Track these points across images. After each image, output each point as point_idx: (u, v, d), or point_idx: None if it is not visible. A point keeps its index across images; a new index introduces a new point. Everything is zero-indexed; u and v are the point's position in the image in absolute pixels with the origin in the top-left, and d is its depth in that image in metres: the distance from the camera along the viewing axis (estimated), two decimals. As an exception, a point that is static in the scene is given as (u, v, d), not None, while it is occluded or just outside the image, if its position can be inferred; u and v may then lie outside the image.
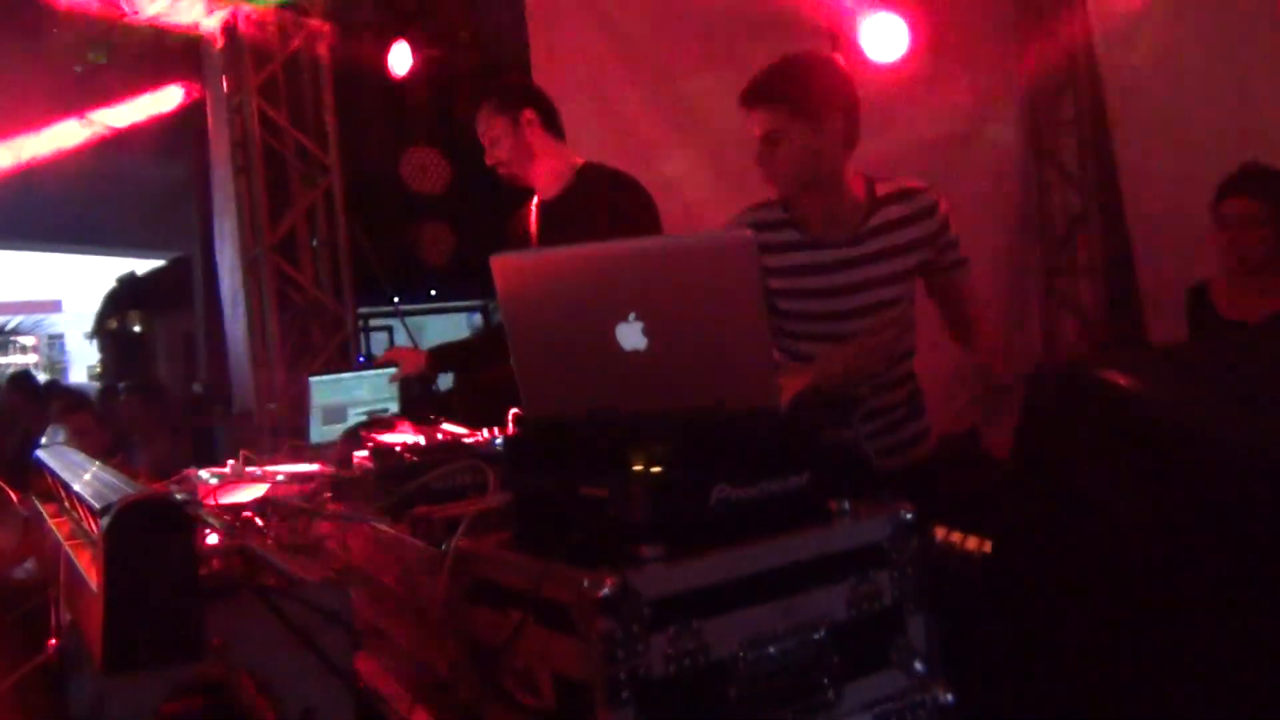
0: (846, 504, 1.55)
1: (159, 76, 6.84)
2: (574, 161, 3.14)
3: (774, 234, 2.48)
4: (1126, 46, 4.65)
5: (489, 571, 1.50)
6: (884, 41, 4.77)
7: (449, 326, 13.96)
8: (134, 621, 1.05)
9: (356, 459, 2.49)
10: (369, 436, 2.43)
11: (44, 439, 3.69)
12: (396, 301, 8.49)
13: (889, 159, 5.18)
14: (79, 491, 1.36)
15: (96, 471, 1.48)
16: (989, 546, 2.28)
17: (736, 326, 1.46)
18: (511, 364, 1.61)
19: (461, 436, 2.29)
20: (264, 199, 4.74)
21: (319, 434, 3.48)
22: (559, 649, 1.35)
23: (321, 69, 4.80)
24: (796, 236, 2.48)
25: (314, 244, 4.91)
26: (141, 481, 1.92)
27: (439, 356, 3.41)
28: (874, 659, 1.51)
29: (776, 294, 2.44)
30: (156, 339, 14.62)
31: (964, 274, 2.54)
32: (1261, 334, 3.17)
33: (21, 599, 2.03)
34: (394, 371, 3.46)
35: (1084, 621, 1.53)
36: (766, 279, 2.42)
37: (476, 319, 14.44)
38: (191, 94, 5.48)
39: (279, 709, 1.36)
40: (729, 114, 2.55)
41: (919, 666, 1.54)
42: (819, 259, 2.44)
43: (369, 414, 3.25)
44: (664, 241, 1.67)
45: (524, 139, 3.04)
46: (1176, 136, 4.40)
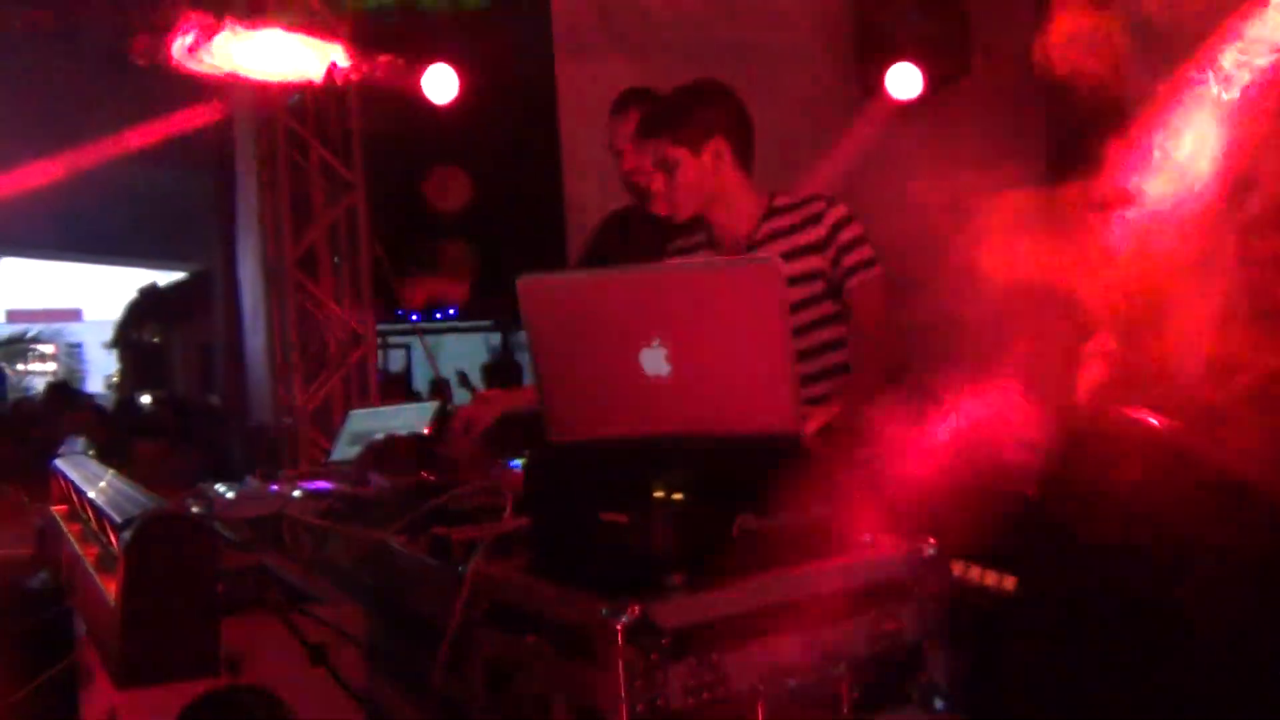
0: (869, 537, 1.54)
1: (190, 93, 6.90)
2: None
3: (688, 237, 2.63)
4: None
5: (506, 595, 1.49)
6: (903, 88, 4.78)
7: (467, 346, 13.97)
8: (150, 636, 1.03)
9: (374, 478, 2.48)
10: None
11: (63, 448, 3.70)
12: (415, 320, 8.51)
13: (916, 194, 5.19)
14: (97, 503, 1.35)
15: (114, 482, 1.47)
16: (1010, 583, 2.25)
17: (760, 353, 1.44)
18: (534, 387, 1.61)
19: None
20: (287, 214, 4.76)
21: (341, 454, 3.47)
22: (576, 677, 1.33)
23: (348, 86, 4.84)
24: (705, 239, 2.61)
25: (336, 260, 4.93)
26: (158, 494, 1.91)
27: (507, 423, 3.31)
28: (894, 695, 1.49)
29: None
30: (174, 350, 14.69)
31: (862, 283, 2.48)
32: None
33: (38, 609, 2.02)
34: (435, 406, 3.42)
35: (1113, 660, 1.51)
36: None
37: (496, 339, 14.44)
38: (218, 110, 5.53)
39: (293, 728, 1.35)
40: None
41: (940, 704, 1.52)
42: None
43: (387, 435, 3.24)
44: (689, 267, 1.66)
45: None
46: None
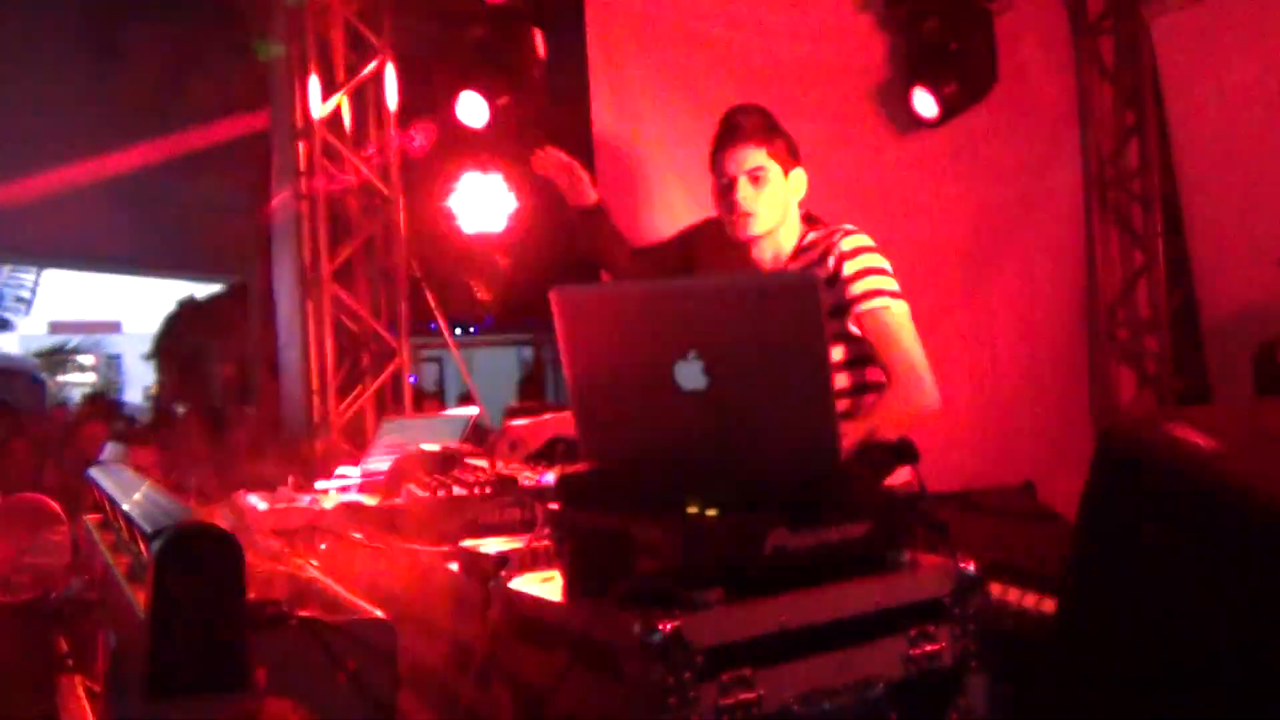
0: (905, 556, 1.51)
1: (230, 106, 6.98)
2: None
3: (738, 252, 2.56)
4: (1195, 93, 4.57)
5: (536, 611, 1.47)
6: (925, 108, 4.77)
7: (499, 359, 14.00)
8: (179, 649, 1.03)
9: (405, 490, 2.48)
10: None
11: (102, 456, 3.72)
12: (435, 329, 8.49)
13: (948, 208, 5.16)
14: (130, 514, 1.35)
15: (148, 492, 1.47)
16: (1049, 605, 2.21)
17: (798, 368, 1.42)
18: (568, 401, 1.59)
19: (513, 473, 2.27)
20: (324, 227, 4.78)
21: (374, 465, 3.48)
22: (607, 694, 1.31)
23: (385, 99, 4.86)
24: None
25: (371, 273, 4.95)
26: (192, 504, 1.92)
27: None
28: (931, 718, 1.46)
29: None
30: (212, 362, 14.81)
31: (873, 314, 2.38)
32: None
33: (71, 619, 2.03)
34: (470, 416, 3.42)
35: (1154, 688, 1.47)
36: None
37: (527, 353, 14.46)
38: (257, 121, 5.57)
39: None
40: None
41: (977, 728, 1.49)
42: None
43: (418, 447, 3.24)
44: (727, 280, 1.64)
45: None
46: (1247, 190, 4.31)
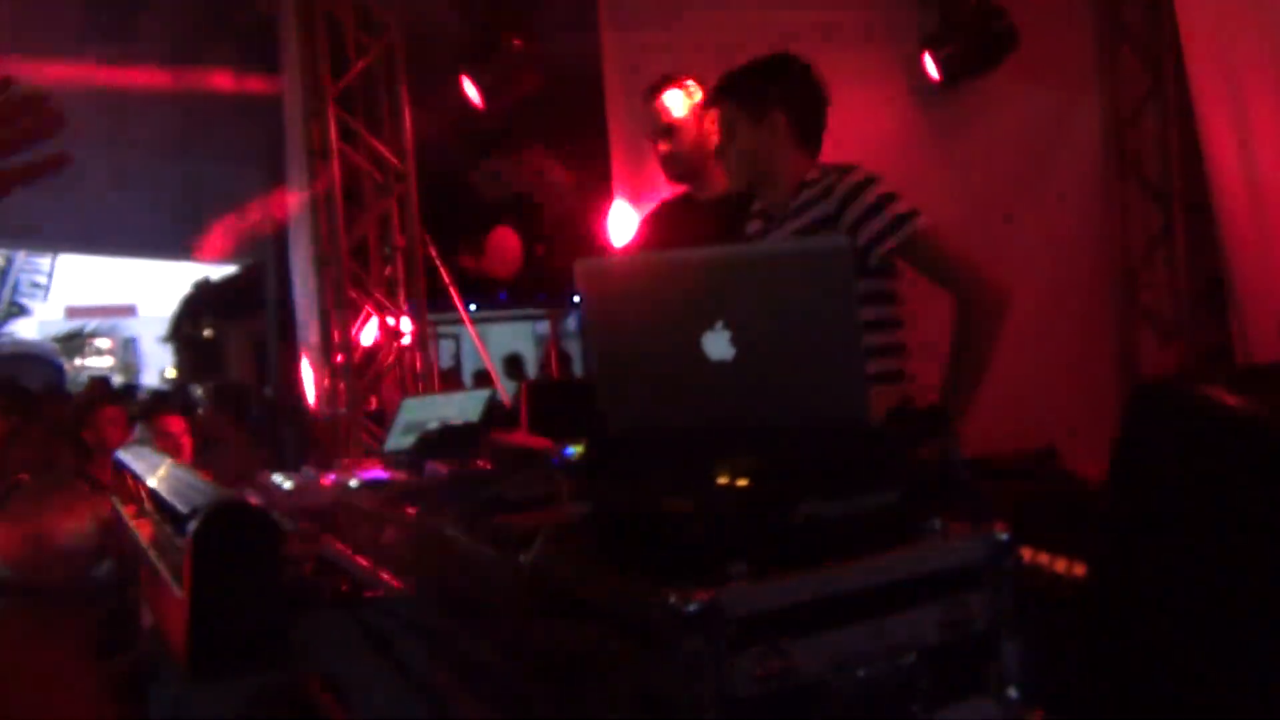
0: (937, 522, 1.50)
1: (243, 85, 6.94)
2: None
3: (753, 221, 2.63)
4: (1217, 50, 4.51)
5: (569, 584, 1.47)
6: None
7: (515, 334, 14.03)
8: (220, 627, 1.03)
9: (429, 467, 2.48)
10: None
11: (133, 438, 3.74)
12: (466, 308, 8.52)
13: (966, 167, 5.12)
14: (162, 494, 1.35)
15: (178, 472, 1.47)
16: (1080, 569, 2.20)
17: (828, 337, 1.41)
18: (590, 372, 1.58)
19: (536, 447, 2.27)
20: (339, 205, 4.78)
21: (395, 443, 3.49)
22: (642, 666, 1.31)
23: (397, 77, 4.85)
24: (761, 220, 2.62)
25: (386, 251, 4.95)
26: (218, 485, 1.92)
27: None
28: (966, 685, 1.45)
29: None
30: (229, 343, 14.88)
31: (913, 241, 2.34)
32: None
33: (102, 599, 2.05)
34: (488, 394, 3.45)
35: (1188, 650, 1.46)
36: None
37: (543, 328, 14.48)
38: (269, 90, 5.53)
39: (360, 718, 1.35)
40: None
41: (1013, 694, 1.48)
42: (754, 237, 2.54)
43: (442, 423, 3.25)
44: (755, 248, 1.63)
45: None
46: (1272, 150, 4.25)
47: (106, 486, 2.50)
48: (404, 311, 5.03)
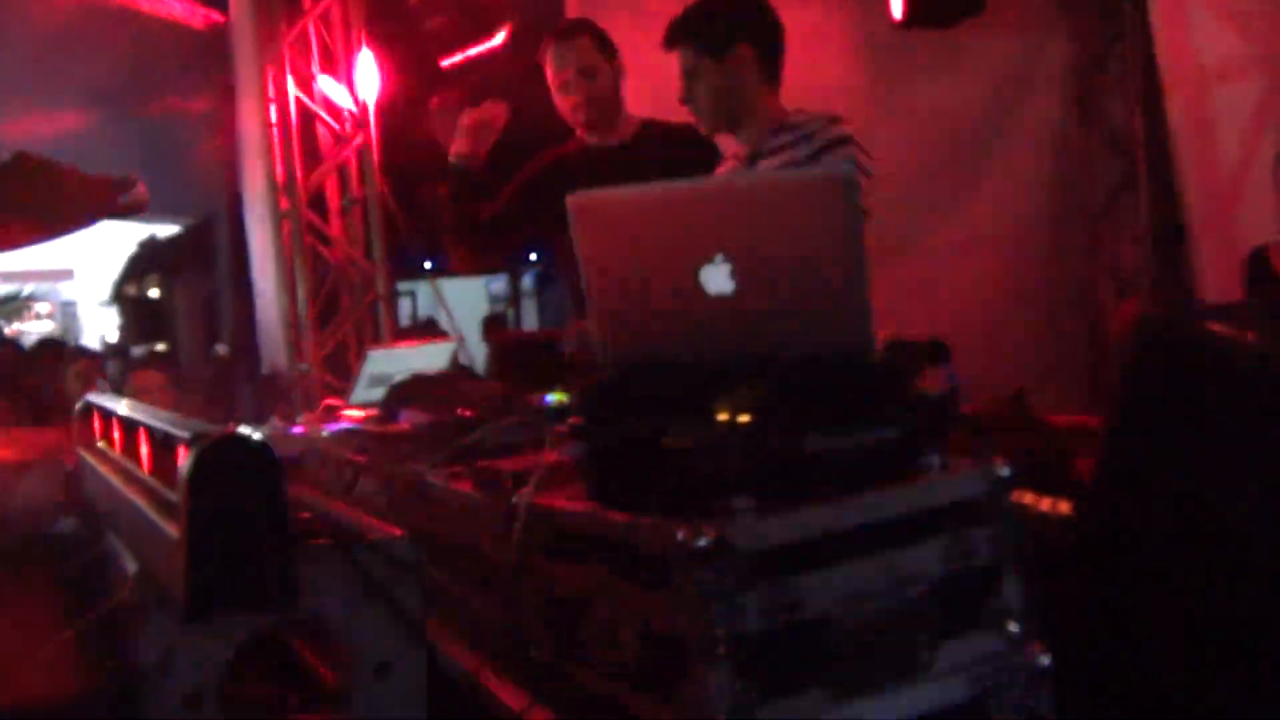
0: (937, 457, 1.48)
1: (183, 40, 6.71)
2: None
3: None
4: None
5: (567, 525, 1.44)
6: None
7: (469, 290, 13.85)
8: (220, 566, 0.98)
9: (405, 415, 2.43)
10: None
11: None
12: (423, 265, 8.38)
13: (930, 118, 5.11)
14: (156, 427, 1.29)
15: (160, 414, 1.41)
16: (1064, 507, 2.21)
17: (831, 268, 1.38)
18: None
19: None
20: (297, 155, 4.66)
21: (360, 397, 3.43)
22: (649, 603, 1.28)
23: (354, 22, 4.71)
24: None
25: (345, 202, 4.84)
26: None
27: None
28: (968, 619, 1.45)
29: None
30: (176, 303, 14.56)
31: None
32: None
33: (68, 554, 1.98)
34: (453, 346, 3.37)
35: (1190, 580, 1.46)
36: None
37: (497, 285, 14.31)
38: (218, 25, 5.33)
39: (353, 664, 1.31)
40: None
41: (1014, 628, 1.48)
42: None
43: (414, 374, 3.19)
44: (755, 178, 1.59)
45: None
46: (1233, 95, 4.27)
47: (65, 439, 2.42)
48: (365, 265, 4.93)
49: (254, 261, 5.17)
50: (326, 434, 2.58)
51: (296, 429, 2.87)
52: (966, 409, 3.79)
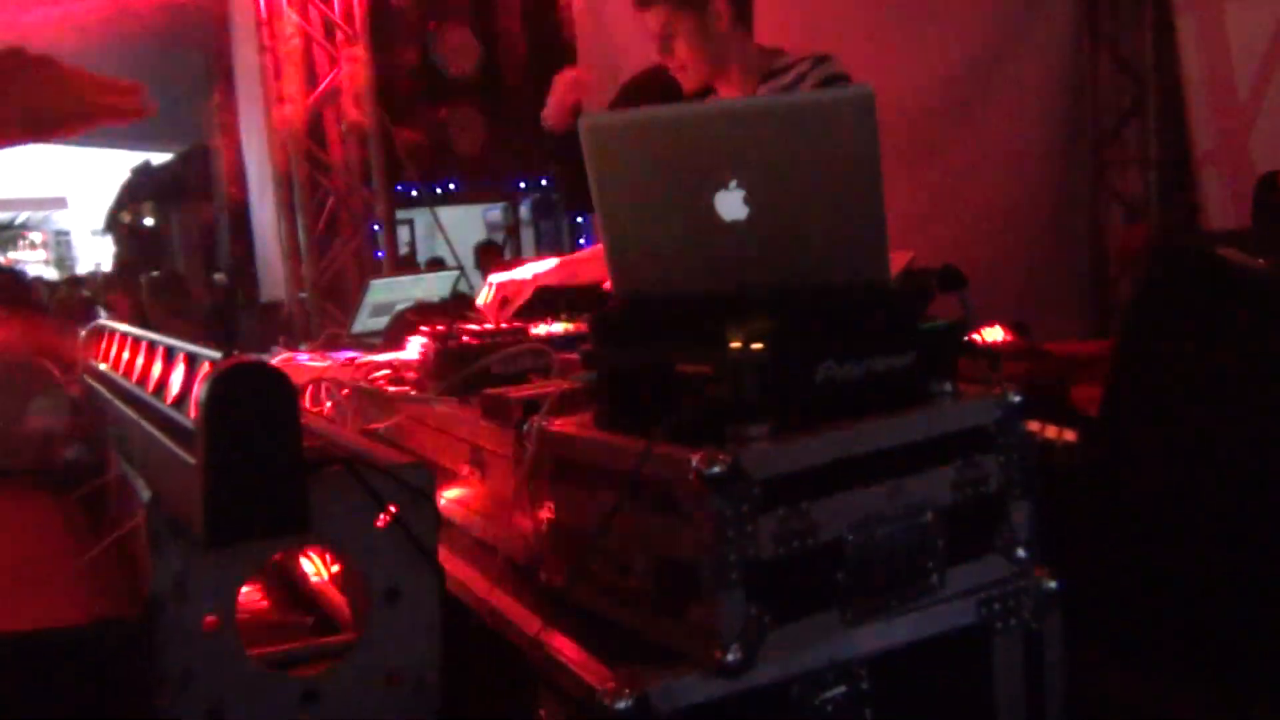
0: (949, 385, 1.48)
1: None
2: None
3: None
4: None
5: (577, 452, 1.44)
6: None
7: (467, 218, 13.76)
8: (239, 491, 0.98)
9: (412, 342, 2.42)
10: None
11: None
12: (420, 191, 8.30)
13: (936, 45, 5.02)
14: (178, 347, 1.28)
15: (172, 340, 1.40)
16: (1069, 435, 2.22)
17: (849, 194, 1.36)
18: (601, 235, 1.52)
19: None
20: (298, 79, 4.57)
21: (362, 325, 3.42)
22: (661, 530, 1.29)
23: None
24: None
25: (343, 126, 4.77)
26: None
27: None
28: (978, 545, 1.46)
29: None
30: (173, 231, 14.47)
31: None
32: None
33: (77, 481, 1.98)
34: (456, 275, 3.36)
35: (1199, 502, 1.46)
36: None
37: (495, 214, 14.20)
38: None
39: (365, 587, 1.31)
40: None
41: (1022, 553, 1.49)
42: None
43: (418, 302, 3.18)
44: (772, 100, 1.56)
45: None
46: (1249, 15, 4.20)
47: (71, 368, 2.41)
48: (364, 193, 4.88)
49: (252, 190, 5.12)
50: (329, 364, 2.58)
51: (302, 357, 2.86)
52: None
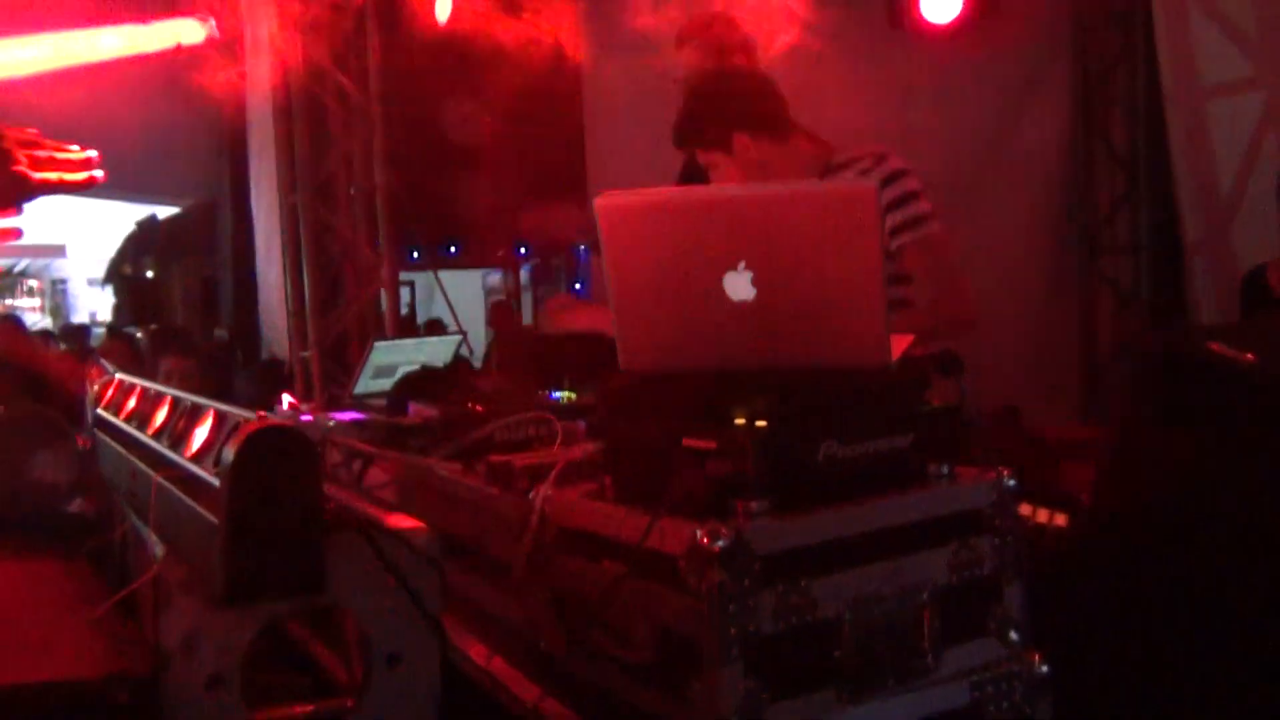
0: (945, 467, 1.52)
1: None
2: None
3: None
4: (1185, 17, 4.56)
5: (582, 522, 1.47)
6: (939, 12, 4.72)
7: (467, 283, 13.86)
8: (259, 551, 1.01)
9: (414, 408, 2.45)
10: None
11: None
12: (419, 258, 8.38)
13: (939, 134, 5.14)
14: (204, 404, 1.31)
15: (194, 397, 1.44)
16: (1061, 519, 2.25)
17: (851, 280, 1.41)
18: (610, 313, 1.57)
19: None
20: (306, 143, 4.66)
21: (364, 387, 3.44)
22: (664, 602, 1.31)
23: (367, 11, 4.72)
24: None
25: (352, 190, 4.85)
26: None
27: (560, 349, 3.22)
28: (972, 626, 1.48)
29: None
30: (174, 285, 14.52)
31: (910, 242, 2.40)
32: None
33: (84, 532, 2.00)
34: (458, 339, 3.38)
35: (1189, 590, 1.49)
36: None
37: (495, 279, 14.30)
38: (228, 33, 5.38)
39: (367, 650, 1.33)
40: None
41: (1015, 636, 1.51)
42: None
43: (422, 366, 3.21)
44: (781, 188, 1.62)
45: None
46: (1235, 115, 4.32)
47: (75, 421, 2.44)
48: (373, 254, 4.95)
49: (259, 246, 5.18)
50: (332, 424, 2.60)
51: (305, 417, 2.88)
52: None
